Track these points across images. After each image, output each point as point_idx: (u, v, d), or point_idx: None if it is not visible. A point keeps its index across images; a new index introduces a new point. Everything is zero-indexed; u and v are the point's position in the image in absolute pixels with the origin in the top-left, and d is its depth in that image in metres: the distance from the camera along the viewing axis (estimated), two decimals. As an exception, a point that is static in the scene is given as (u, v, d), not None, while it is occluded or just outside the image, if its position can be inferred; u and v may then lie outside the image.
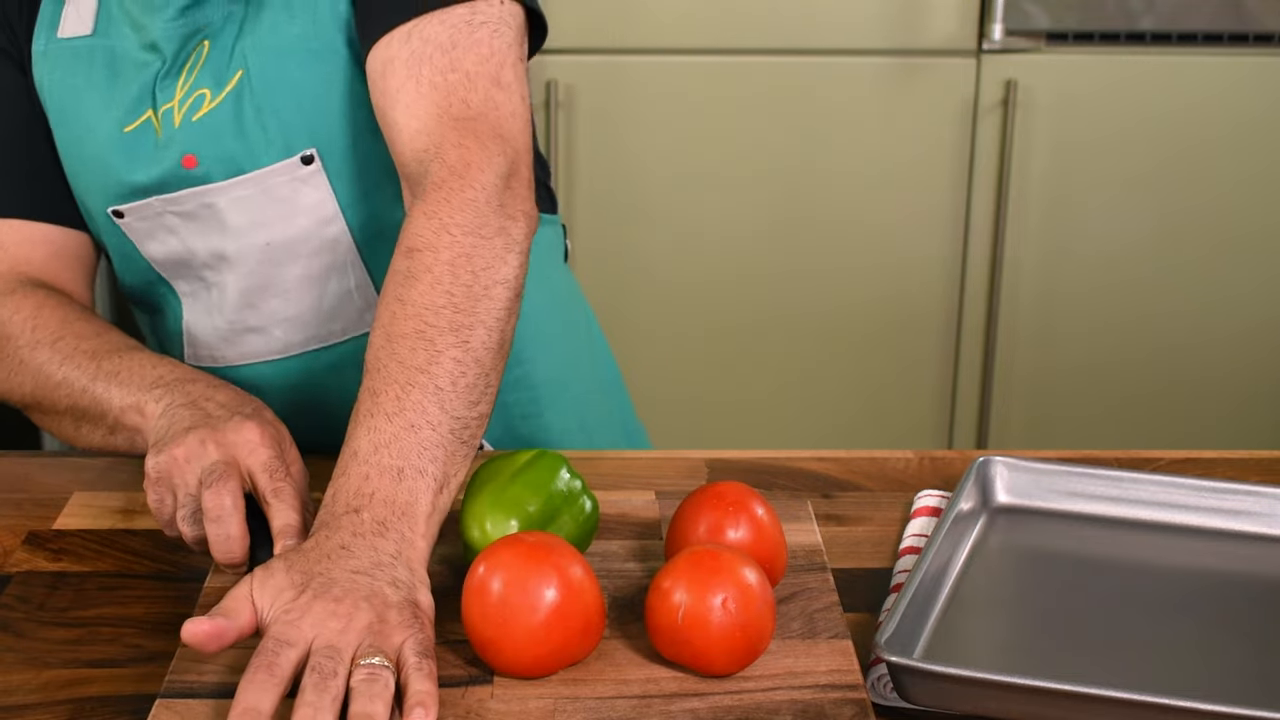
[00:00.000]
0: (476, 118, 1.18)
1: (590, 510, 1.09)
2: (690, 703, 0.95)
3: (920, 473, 1.32)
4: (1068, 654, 1.03)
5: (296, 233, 1.32)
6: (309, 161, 1.29)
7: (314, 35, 1.28)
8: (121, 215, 1.33)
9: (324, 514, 1.02)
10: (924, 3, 2.58)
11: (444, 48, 1.20)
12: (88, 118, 1.32)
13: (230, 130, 1.29)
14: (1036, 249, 2.69)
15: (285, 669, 0.92)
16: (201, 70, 1.29)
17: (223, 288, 1.36)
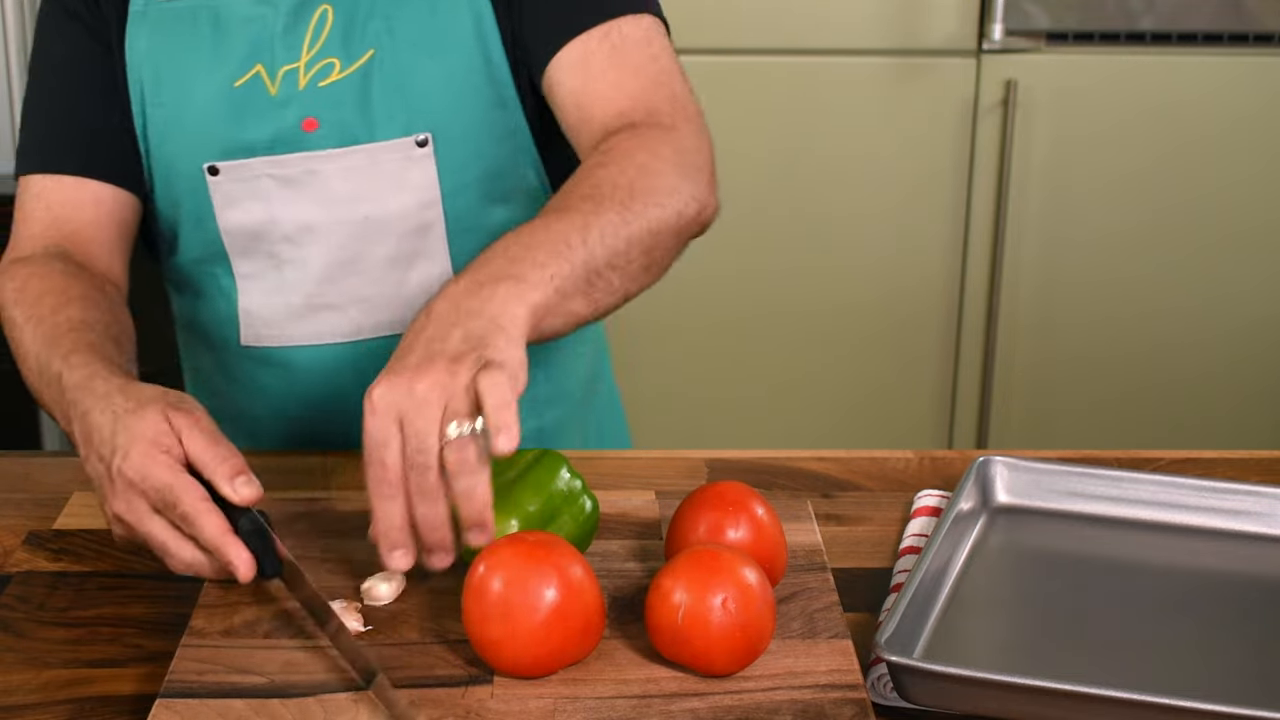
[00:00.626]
0: (682, 101, 1.28)
1: (590, 510, 1.09)
2: (690, 703, 0.95)
3: (920, 473, 1.32)
4: (1068, 654, 1.03)
5: (396, 210, 1.36)
6: (423, 144, 1.34)
7: (451, 29, 1.33)
8: (217, 172, 1.35)
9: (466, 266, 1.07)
10: (924, 3, 2.58)
11: (642, 43, 1.30)
12: (190, 75, 1.34)
13: (355, 102, 1.33)
14: (1036, 248, 2.69)
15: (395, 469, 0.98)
16: (329, 39, 1.33)
17: (301, 263, 1.38)
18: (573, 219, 1.11)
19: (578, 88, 1.29)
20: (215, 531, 1.04)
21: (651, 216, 1.16)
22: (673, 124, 1.24)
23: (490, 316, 1.02)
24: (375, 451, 0.98)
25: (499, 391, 0.96)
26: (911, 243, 2.69)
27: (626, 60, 1.29)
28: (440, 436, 0.97)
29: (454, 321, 1.02)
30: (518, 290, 1.04)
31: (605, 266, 1.12)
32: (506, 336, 1.01)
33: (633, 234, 1.14)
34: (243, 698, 0.95)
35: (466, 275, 1.06)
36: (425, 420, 0.97)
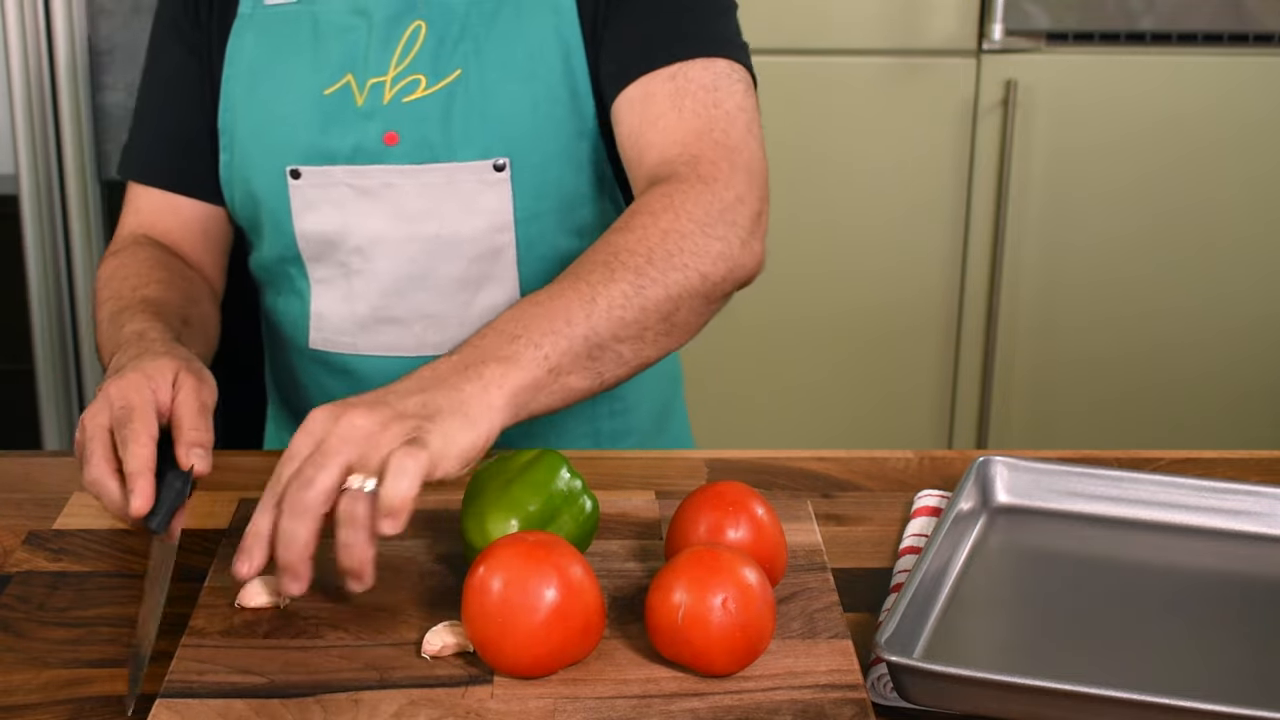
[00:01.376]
0: (734, 149, 1.25)
1: (590, 510, 1.09)
2: (690, 703, 0.95)
3: (920, 473, 1.32)
4: (1068, 654, 1.03)
5: (469, 231, 1.37)
6: (500, 169, 1.34)
7: (539, 57, 1.34)
8: (299, 176, 1.37)
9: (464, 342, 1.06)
10: (924, 3, 2.58)
11: (707, 88, 1.29)
12: (286, 78, 1.37)
13: (437, 120, 1.35)
14: (1036, 248, 2.69)
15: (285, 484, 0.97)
16: (419, 56, 1.34)
17: (370, 275, 1.39)
18: (580, 290, 1.10)
19: (634, 128, 1.29)
20: (139, 462, 1.06)
21: (671, 282, 1.14)
22: (714, 175, 1.21)
23: (462, 399, 1.00)
24: (281, 463, 0.99)
25: (405, 473, 0.95)
26: (911, 243, 2.69)
27: (685, 104, 1.28)
28: (340, 469, 0.96)
29: (425, 388, 1.01)
30: (503, 372, 1.03)
31: (611, 339, 1.10)
32: (465, 421, 0.99)
33: (647, 303, 1.12)
34: (243, 698, 0.95)
35: (458, 354, 1.05)
36: (334, 446, 0.97)
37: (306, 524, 0.96)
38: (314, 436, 0.98)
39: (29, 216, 2.40)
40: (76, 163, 2.39)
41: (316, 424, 0.98)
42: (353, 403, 0.99)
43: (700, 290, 1.16)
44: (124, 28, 2.36)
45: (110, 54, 2.37)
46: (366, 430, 0.97)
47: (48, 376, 2.48)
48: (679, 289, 1.14)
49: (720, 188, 1.20)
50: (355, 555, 0.97)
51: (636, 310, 1.11)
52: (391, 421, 0.97)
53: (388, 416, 0.97)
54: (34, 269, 2.42)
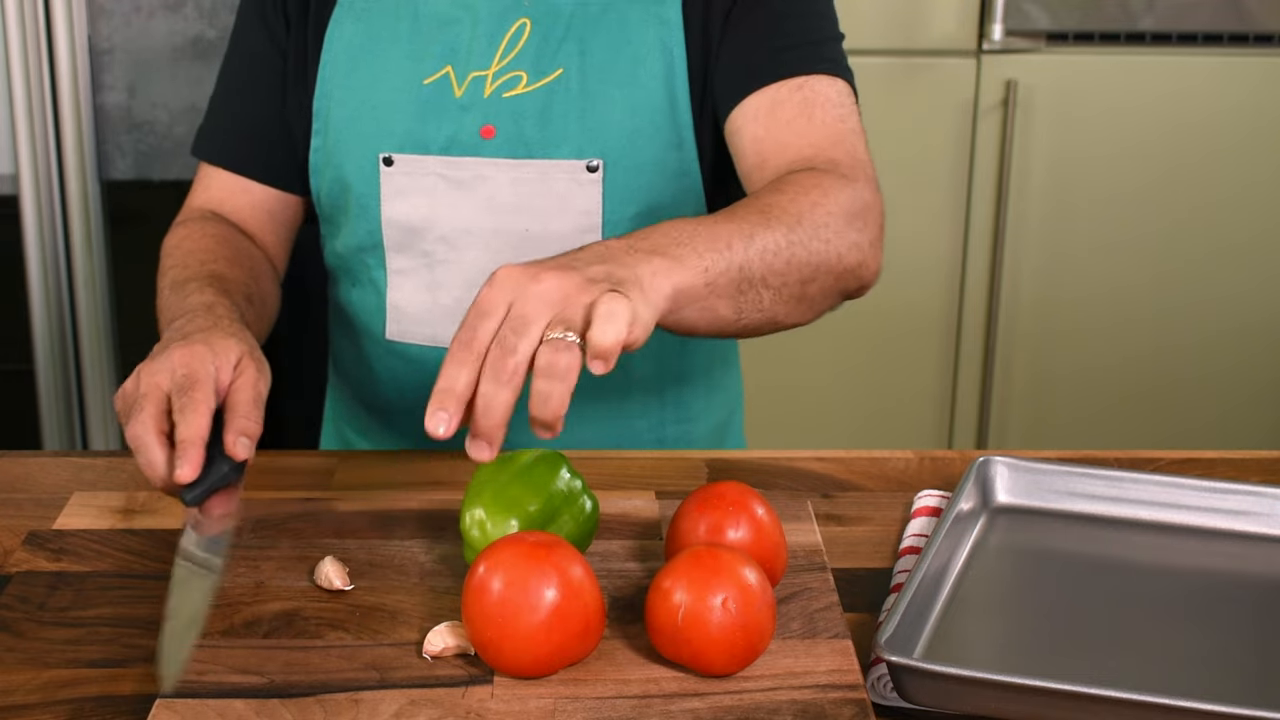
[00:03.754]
0: (864, 163, 1.30)
1: (590, 510, 1.09)
2: (690, 703, 0.95)
3: (920, 473, 1.32)
4: (1068, 654, 1.03)
5: (556, 230, 1.38)
6: (594, 170, 1.36)
7: (641, 63, 1.36)
8: (391, 163, 1.39)
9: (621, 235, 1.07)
10: (924, 3, 2.58)
11: (834, 102, 1.33)
12: (384, 66, 1.39)
13: (535, 117, 1.37)
14: (1036, 248, 2.69)
15: (483, 340, 0.95)
16: (522, 52, 1.36)
17: (455, 265, 1.40)
18: (740, 226, 1.11)
19: (761, 133, 1.32)
20: (195, 431, 1.05)
21: (814, 249, 1.16)
22: (854, 177, 1.26)
23: (638, 276, 1.01)
24: (472, 317, 0.96)
25: (614, 318, 0.94)
26: (911, 243, 2.69)
27: (815, 114, 1.32)
28: (541, 332, 0.95)
29: (603, 259, 1.01)
30: (669, 266, 1.04)
31: (759, 279, 1.12)
32: (644, 297, 1.00)
33: (793, 258, 1.14)
34: (243, 698, 0.95)
35: (625, 239, 1.05)
36: (533, 310, 0.95)
37: (510, 390, 0.94)
38: (507, 294, 0.96)
39: (29, 216, 2.40)
40: (76, 163, 2.39)
41: (509, 282, 0.96)
42: (542, 264, 0.98)
43: (835, 269, 1.19)
44: (124, 28, 2.36)
45: (110, 54, 2.37)
46: (563, 292, 0.96)
47: (48, 376, 2.48)
48: (820, 258, 1.17)
49: (860, 188, 1.25)
50: (553, 406, 0.93)
51: (784, 262, 1.13)
52: (585, 285, 0.97)
53: (580, 281, 0.97)
54: (34, 269, 2.42)
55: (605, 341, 0.93)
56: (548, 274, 0.97)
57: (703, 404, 1.52)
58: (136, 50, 2.36)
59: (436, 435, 0.94)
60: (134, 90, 2.38)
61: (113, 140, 2.39)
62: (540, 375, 0.93)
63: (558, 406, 0.93)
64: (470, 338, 0.95)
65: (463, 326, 0.96)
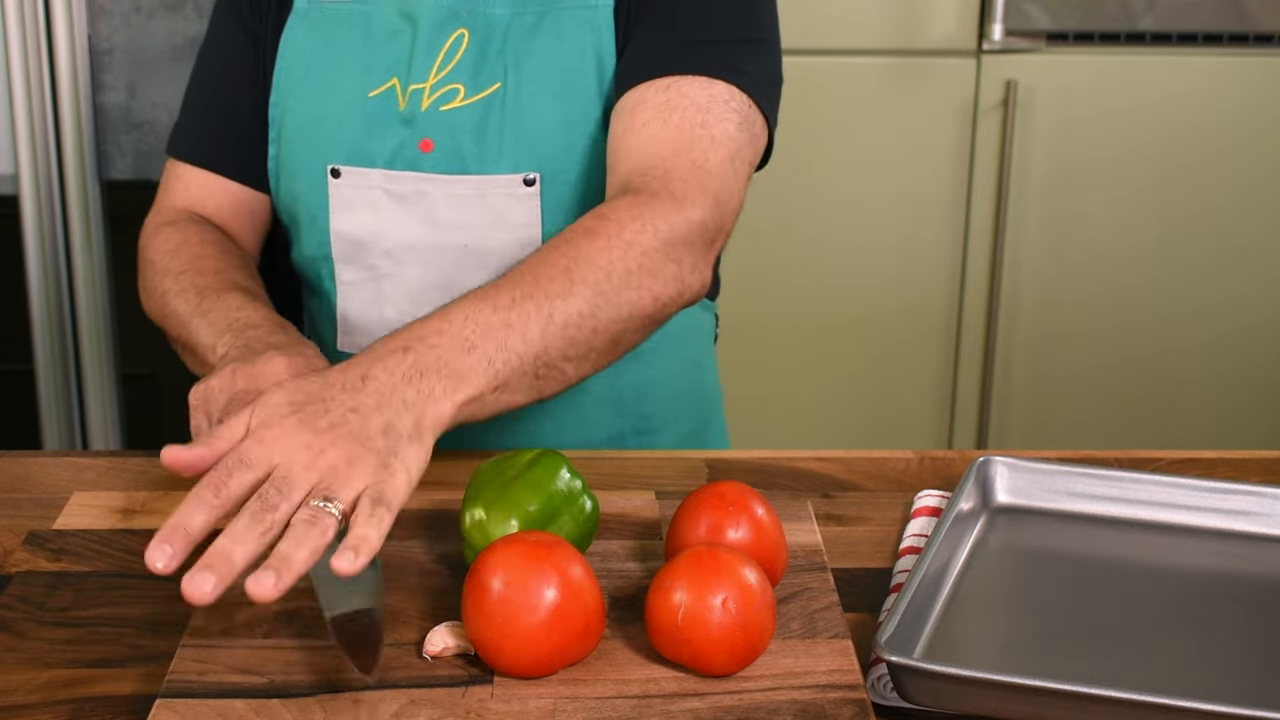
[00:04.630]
0: (708, 172, 1.23)
1: (590, 510, 1.09)
2: (690, 703, 0.95)
3: (920, 473, 1.32)
4: (1068, 654, 1.03)
5: (495, 245, 1.36)
6: (530, 184, 1.34)
7: (575, 73, 1.34)
8: (338, 175, 1.38)
9: (379, 341, 1.03)
10: (924, 3, 2.58)
11: (698, 107, 1.26)
12: (334, 77, 1.38)
13: (471, 132, 1.35)
14: (1036, 248, 2.69)
15: (234, 491, 0.92)
16: (460, 64, 1.35)
17: (399, 279, 1.40)
18: (539, 303, 1.08)
19: (619, 133, 1.28)
20: None
21: (624, 302, 1.14)
22: (685, 194, 1.20)
23: (417, 419, 0.99)
24: (231, 463, 0.93)
25: (378, 520, 0.92)
26: (911, 243, 2.69)
27: (672, 118, 1.26)
28: (304, 496, 0.93)
29: (383, 403, 0.98)
30: (454, 386, 1.01)
31: (560, 358, 1.09)
32: (420, 446, 0.98)
33: (599, 323, 1.12)
34: (243, 698, 0.95)
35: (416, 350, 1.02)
36: (300, 477, 0.93)
37: (257, 546, 0.91)
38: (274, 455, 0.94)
39: (29, 216, 2.40)
40: (76, 163, 2.39)
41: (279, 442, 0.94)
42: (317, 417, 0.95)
43: (650, 312, 1.16)
44: (124, 28, 2.36)
45: (110, 54, 2.37)
46: (332, 465, 0.94)
47: (48, 376, 2.47)
48: (630, 310, 1.14)
49: (688, 207, 1.20)
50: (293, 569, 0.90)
51: (589, 331, 1.11)
52: (360, 457, 0.95)
53: (354, 452, 0.95)
54: (34, 269, 2.42)
55: (367, 539, 0.91)
56: (321, 441, 0.94)
57: (668, 414, 1.49)
58: (136, 50, 2.36)
59: (154, 569, 0.90)
60: (134, 90, 2.38)
61: (113, 140, 2.39)
62: (289, 538, 0.90)
63: (298, 569, 0.90)
64: (223, 483, 0.92)
65: (219, 468, 0.93)
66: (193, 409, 1.16)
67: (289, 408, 0.97)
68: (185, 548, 0.91)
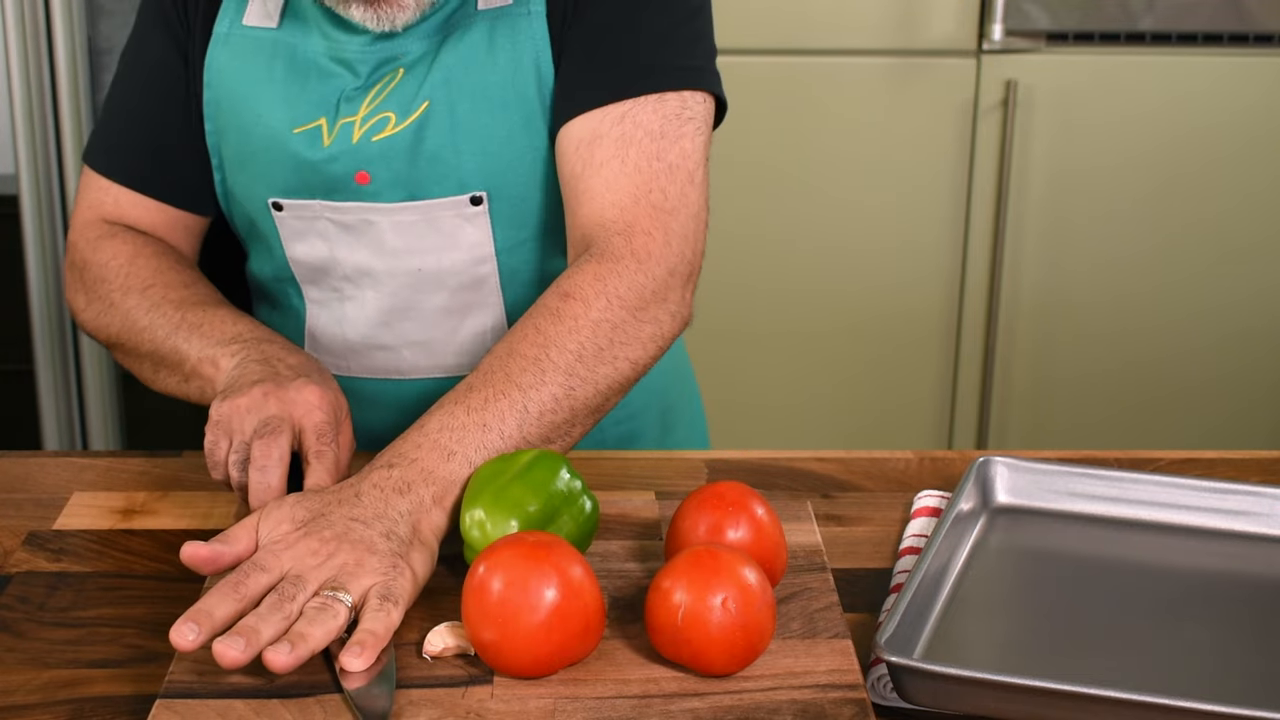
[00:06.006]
0: (671, 211, 1.24)
1: (590, 510, 1.09)
2: (690, 703, 0.95)
3: (920, 473, 1.32)
4: (1068, 654, 1.03)
5: (449, 265, 1.35)
6: (478, 202, 1.32)
7: (511, 86, 1.30)
8: (280, 208, 1.36)
9: (364, 468, 1.08)
10: (924, 3, 2.58)
11: (653, 135, 1.25)
12: (260, 108, 1.34)
13: (406, 158, 1.31)
14: (1036, 248, 2.69)
15: (252, 589, 0.99)
16: (390, 95, 1.31)
17: (360, 302, 1.38)
18: (513, 398, 1.12)
19: (578, 170, 1.26)
20: None
21: (600, 377, 1.16)
22: (648, 250, 1.21)
23: (414, 524, 1.05)
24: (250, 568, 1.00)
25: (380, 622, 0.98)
26: (911, 243, 2.69)
27: (629, 156, 1.24)
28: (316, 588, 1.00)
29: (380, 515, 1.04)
30: (441, 493, 1.07)
31: (542, 442, 1.14)
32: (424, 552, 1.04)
33: (576, 403, 1.15)
34: (243, 698, 0.95)
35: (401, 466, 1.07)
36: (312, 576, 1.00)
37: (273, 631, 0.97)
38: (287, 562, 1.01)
39: (29, 216, 2.40)
40: (76, 163, 2.39)
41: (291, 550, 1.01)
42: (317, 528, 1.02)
43: (630, 378, 1.19)
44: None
45: (110, 54, 2.37)
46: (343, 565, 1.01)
47: (48, 376, 2.48)
48: (608, 383, 1.17)
49: (653, 265, 1.21)
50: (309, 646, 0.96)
51: (567, 412, 1.14)
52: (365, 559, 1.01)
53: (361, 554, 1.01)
54: (34, 269, 2.42)
55: (375, 635, 0.97)
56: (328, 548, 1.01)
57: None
58: (136, 50, 2.36)
59: (181, 646, 0.95)
60: (134, 90, 2.38)
61: (113, 140, 2.39)
62: (304, 619, 0.97)
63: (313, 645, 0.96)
64: (242, 582, 0.99)
65: (238, 572, 0.99)
66: (212, 424, 1.16)
67: (292, 524, 1.03)
68: (209, 632, 0.96)
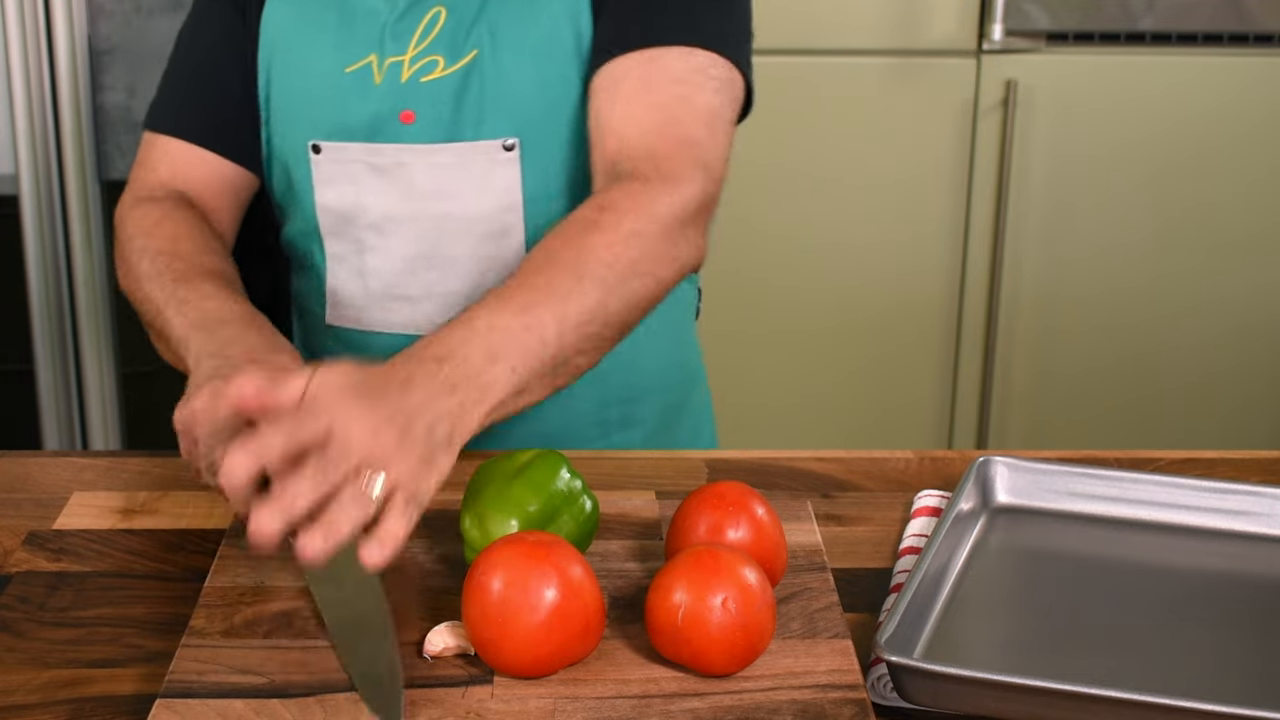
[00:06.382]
0: (694, 144, 1.27)
1: (590, 510, 1.09)
2: (690, 703, 0.95)
3: (920, 473, 1.32)
4: (1068, 654, 1.03)
5: (477, 211, 1.38)
6: (510, 149, 1.36)
7: (552, 39, 1.36)
8: (319, 151, 1.40)
9: (413, 347, 1.05)
10: (924, 3, 2.58)
11: (677, 80, 1.29)
12: (311, 54, 1.39)
13: (451, 101, 1.37)
14: (1036, 248, 2.69)
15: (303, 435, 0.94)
16: (437, 38, 1.37)
17: (383, 252, 1.41)
18: (554, 305, 1.11)
19: (602, 108, 1.31)
20: None
21: (630, 292, 1.17)
22: (674, 173, 1.23)
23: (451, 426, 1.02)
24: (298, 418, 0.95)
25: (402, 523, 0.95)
26: (911, 243, 2.69)
27: (653, 92, 1.29)
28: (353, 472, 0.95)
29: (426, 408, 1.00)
30: (480, 398, 1.04)
31: (575, 353, 1.13)
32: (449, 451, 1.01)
33: (610, 316, 1.15)
34: (243, 698, 0.95)
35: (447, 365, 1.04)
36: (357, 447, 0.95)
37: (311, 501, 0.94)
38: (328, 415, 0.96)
39: (29, 216, 2.40)
40: (76, 163, 2.39)
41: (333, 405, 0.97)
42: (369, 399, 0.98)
43: (656, 295, 1.20)
44: (124, 28, 2.36)
45: (110, 54, 2.37)
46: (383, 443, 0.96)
47: (48, 376, 2.48)
48: (636, 298, 1.18)
49: (682, 186, 1.23)
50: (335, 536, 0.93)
51: (600, 324, 1.15)
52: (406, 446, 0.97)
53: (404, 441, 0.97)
54: (34, 269, 2.42)
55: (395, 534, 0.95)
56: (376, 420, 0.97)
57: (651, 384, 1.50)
58: (136, 50, 2.36)
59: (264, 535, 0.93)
60: (134, 90, 2.38)
61: (113, 140, 2.39)
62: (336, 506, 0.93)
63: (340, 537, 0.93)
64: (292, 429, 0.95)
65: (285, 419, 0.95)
66: (180, 434, 1.12)
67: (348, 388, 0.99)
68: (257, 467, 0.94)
